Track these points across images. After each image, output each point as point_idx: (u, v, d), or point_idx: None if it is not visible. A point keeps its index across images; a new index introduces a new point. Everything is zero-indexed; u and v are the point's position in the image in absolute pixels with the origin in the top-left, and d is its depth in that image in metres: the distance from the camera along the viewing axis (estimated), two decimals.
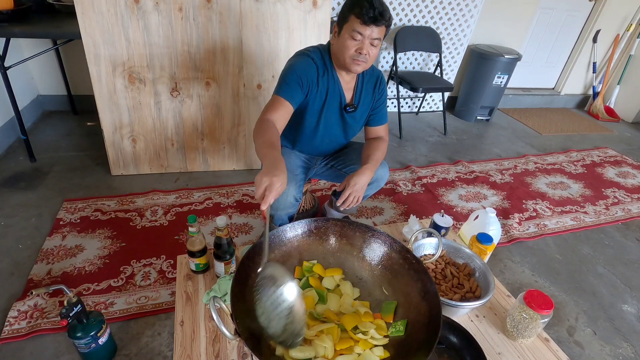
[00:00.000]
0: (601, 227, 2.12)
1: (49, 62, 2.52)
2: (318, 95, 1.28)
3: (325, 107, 1.31)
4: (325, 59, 1.25)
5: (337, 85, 1.29)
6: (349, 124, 1.39)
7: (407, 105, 3.44)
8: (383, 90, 1.38)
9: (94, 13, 1.67)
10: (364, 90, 1.34)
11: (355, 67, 1.18)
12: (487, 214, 1.39)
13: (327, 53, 1.26)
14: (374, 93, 1.37)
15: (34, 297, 1.32)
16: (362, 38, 1.12)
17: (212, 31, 1.83)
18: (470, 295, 1.06)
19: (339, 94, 1.30)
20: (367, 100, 1.37)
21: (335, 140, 1.46)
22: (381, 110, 1.41)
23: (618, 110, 3.90)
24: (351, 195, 1.24)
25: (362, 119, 1.41)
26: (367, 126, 1.45)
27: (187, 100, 1.98)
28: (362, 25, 1.10)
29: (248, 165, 2.26)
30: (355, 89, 1.33)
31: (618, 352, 1.41)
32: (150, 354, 1.20)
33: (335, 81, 1.28)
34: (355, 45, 1.14)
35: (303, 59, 1.23)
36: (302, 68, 1.21)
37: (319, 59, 1.25)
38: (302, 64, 1.22)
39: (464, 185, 2.38)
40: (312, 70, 1.23)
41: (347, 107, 1.33)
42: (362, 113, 1.38)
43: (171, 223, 1.77)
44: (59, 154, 2.20)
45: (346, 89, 1.31)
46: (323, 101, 1.29)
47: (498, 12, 3.19)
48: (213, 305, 0.77)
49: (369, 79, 1.35)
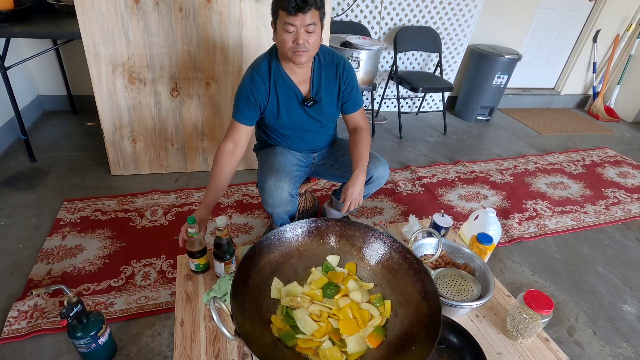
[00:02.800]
0: (601, 227, 2.12)
1: (49, 62, 2.52)
2: (272, 104, 1.30)
3: (282, 107, 1.32)
4: (272, 62, 1.27)
5: (289, 83, 1.29)
6: (316, 117, 1.38)
7: (407, 105, 3.44)
8: (349, 76, 1.35)
9: (94, 13, 1.67)
10: (323, 79, 1.32)
11: (299, 58, 1.17)
12: (487, 214, 1.39)
13: (275, 54, 1.27)
14: (337, 81, 1.34)
15: (34, 297, 1.32)
16: (295, 28, 1.12)
17: (212, 31, 1.83)
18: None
19: (292, 91, 1.30)
20: (331, 89, 1.34)
21: (314, 134, 1.46)
22: (353, 97, 1.38)
23: (618, 110, 3.90)
24: (352, 204, 1.31)
25: (330, 108, 1.38)
26: (343, 114, 1.44)
27: (187, 100, 1.98)
28: (290, 16, 1.09)
29: (248, 165, 2.26)
30: (311, 80, 1.32)
31: (618, 352, 1.41)
32: (150, 354, 1.20)
33: (285, 81, 1.28)
34: (291, 37, 1.14)
35: (247, 78, 1.27)
36: (248, 86, 1.26)
37: (265, 65, 1.27)
38: (247, 83, 1.26)
39: (464, 185, 2.38)
40: (257, 84, 1.26)
41: (305, 102, 1.32)
42: (328, 104, 1.36)
43: (171, 223, 1.77)
44: (59, 154, 2.20)
45: (300, 83, 1.31)
46: (277, 103, 1.31)
47: (498, 12, 3.19)
48: (213, 305, 0.77)
49: (327, 67, 1.32)
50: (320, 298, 0.96)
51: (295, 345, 0.85)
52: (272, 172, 1.31)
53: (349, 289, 0.98)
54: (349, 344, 0.86)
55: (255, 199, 2.01)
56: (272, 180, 1.30)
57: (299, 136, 1.44)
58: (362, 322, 0.90)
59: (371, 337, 0.88)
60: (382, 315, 0.93)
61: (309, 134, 1.45)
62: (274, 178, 1.30)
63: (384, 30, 2.94)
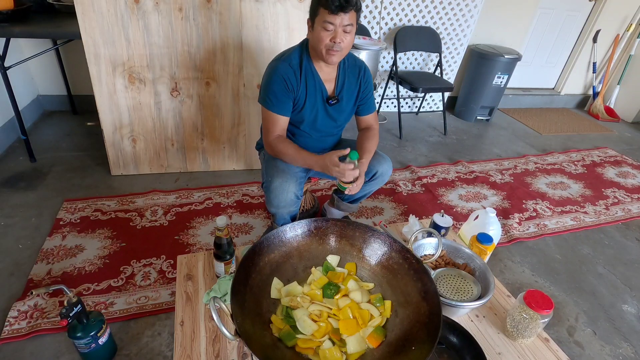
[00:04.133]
0: (601, 227, 2.12)
1: (49, 62, 2.51)
2: (301, 95, 1.32)
3: (308, 103, 1.34)
4: (303, 57, 1.29)
5: (317, 80, 1.32)
6: (334, 116, 1.41)
7: (407, 105, 3.44)
8: (368, 80, 1.42)
9: (94, 13, 1.67)
10: (347, 80, 1.37)
11: (332, 58, 1.22)
12: (487, 214, 1.39)
13: (306, 49, 1.30)
14: (358, 83, 1.39)
15: (34, 297, 1.32)
16: (334, 27, 1.15)
17: (212, 31, 1.83)
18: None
19: (319, 88, 1.34)
20: (351, 90, 1.40)
21: (326, 133, 1.48)
22: (368, 100, 1.45)
23: (618, 110, 3.90)
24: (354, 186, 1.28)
25: (348, 108, 1.43)
26: (357, 115, 1.49)
27: (187, 100, 1.98)
28: (331, 14, 1.13)
29: (248, 165, 2.26)
30: (337, 79, 1.36)
31: (618, 352, 1.41)
32: (150, 354, 1.20)
33: (314, 76, 1.31)
34: (329, 35, 1.17)
35: (284, 65, 1.28)
36: (284, 74, 1.27)
37: (296, 58, 1.29)
38: (283, 70, 1.27)
39: (464, 185, 2.38)
40: (291, 73, 1.28)
41: (329, 100, 1.36)
42: (347, 103, 1.41)
43: (171, 223, 1.77)
44: (59, 154, 2.20)
45: (327, 81, 1.34)
46: (304, 98, 1.33)
47: (498, 12, 3.19)
48: (213, 305, 0.77)
49: (351, 69, 1.38)
50: (320, 298, 0.96)
51: (295, 345, 0.85)
52: (279, 173, 1.32)
53: (349, 289, 0.98)
54: (349, 344, 0.85)
55: (255, 199, 2.01)
56: (279, 181, 1.31)
57: (312, 135, 1.45)
58: (362, 322, 0.90)
59: (371, 337, 0.88)
60: (382, 315, 0.93)
61: (320, 134, 1.47)
62: (280, 179, 1.31)
63: (384, 30, 2.94)
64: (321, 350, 0.84)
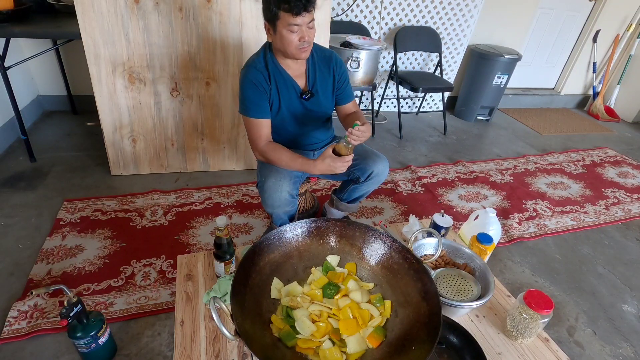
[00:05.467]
0: (601, 227, 2.12)
1: (49, 62, 2.51)
2: (274, 96, 1.32)
3: (283, 101, 1.34)
4: (268, 58, 1.29)
5: (286, 78, 1.32)
6: (314, 109, 1.41)
7: (407, 105, 3.44)
8: (341, 67, 1.40)
9: (94, 13, 1.67)
10: (318, 72, 1.37)
11: (304, 54, 1.23)
12: (487, 214, 1.39)
13: (270, 50, 1.30)
14: (331, 73, 1.39)
15: (34, 297, 1.32)
16: (299, 27, 1.16)
17: (212, 31, 1.83)
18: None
19: (291, 85, 1.34)
20: (325, 82, 1.39)
21: (312, 129, 1.48)
22: (346, 88, 1.44)
23: (618, 110, 3.90)
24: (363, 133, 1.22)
25: (326, 100, 1.42)
26: (337, 106, 1.49)
27: (187, 100, 1.98)
28: (296, 16, 1.13)
29: (248, 165, 2.26)
30: (307, 74, 1.36)
31: (618, 352, 1.41)
32: (150, 354, 1.20)
33: (282, 75, 1.32)
34: (296, 36, 1.18)
35: (251, 71, 1.28)
36: (254, 77, 1.27)
37: (260, 62, 1.29)
38: (252, 74, 1.27)
39: (464, 185, 2.38)
40: (260, 76, 1.28)
41: (302, 95, 1.36)
42: (324, 95, 1.40)
43: (171, 223, 1.77)
44: (59, 154, 2.20)
45: (297, 77, 1.34)
46: (278, 98, 1.33)
47: (498, 12, 3.19)
48: (213, 305, 0.77)
49: (320, 60, 1.37)
50: (320, 298, 0.96)
51: (295, 345, 0.85)
52: (272, 173, 1.32)
53: (349, 289, 0.98)
54: (349, 344, 0.86)
55: (255, 199, 2.01)
56: (272, 180, 1.31)
57: (302, 131, 1.45)
58: (362, 322, 0.90)
59: (371, 337, 0.88)
60: (382, 315, 0.93)
61: (307, 128, 1.46)
62: (273, 178, 1.31)
63: (384, 30, 2.94)
64: (321, 350, 0.84)
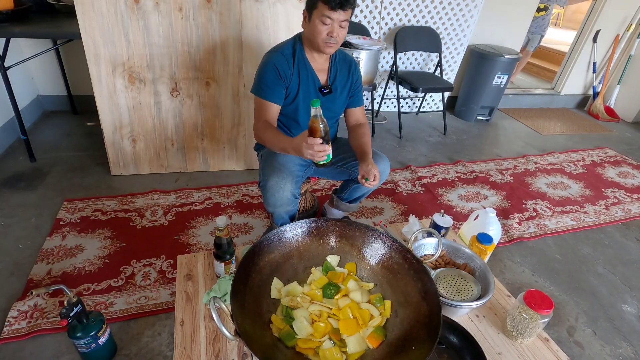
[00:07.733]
0: (601, 227, 2.12)
1: (49, 62, 2.51)
2: (293, 83, 1.35)
3: (301, 91, 1.36)
4: (297, 47, 1.33)
5: (309, 69, 1.36)
6: (328, 106, 1.43)
7: (407, 105, 3.44)
8: (358, 74, 1.47)
9: (94, 13, 1.67)
10: (339, 72, 1.42)
11: (328, 49, 1.27)
12: (487, 214, 1.39)
13: (300, 40, 1.34)
14: (349, 77, 1.44)
15: (34, 297, 1.32)
16: (332, 22, 1.20)
17: (212, 31, 1.83)
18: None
19: (312, 77, 1.37)
20: (344, 83, 1.44)
21: None
22: (358, 93, 1.49)
23: (618, 110, 3.90)
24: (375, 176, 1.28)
25: (341, 99, 1.46)
26: (346, 109, 1.52)
27: (187, 100, 1.98)
28: (331, 10, 1.17)
29: (248, 165, 2.26)
30: (329, 70, 1.40)
31: (618, 352, 1.41)
32: (150, 354, 1.20)
33: (306, 66, 1.35)
34: (326, 29, 1.22)
35: (276, 55, 1.32)
36: (277, 62, 1.30)
37: (289, 49, 1.33)
38: (276, 59, 1.31)
39: (464, 185, 2.38)
40: (284, 61, 1.31)
41: (322, 89, 1.39)
42: (340, 94, 1.44)
43: (171, 223, 1.77)
44: (59, 154, 2.20)
45: (319, 71, 1.38)
46: (297, 86, 1.35)
47: (498, 12, 3.19)
48: (213, 305, 0.77)
49: (342, 62, 1.43)
50: (320, 298, 0.96)
51: (295, 345, 0.85)
52: (274, 172, 1.32)
53: (349, 289, 0.98)
54: (349, 344, 0.86)
55: (255, 199, 2.01)
56: (275, 179, 1.31)
57: (303, 126, 1.44)
58: (362, 322, 0.90)
59: (371, 337, 0.88)
60: (382, 315, 0.93)
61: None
62: (276, 177, 1.31)
63: (384, 30, 2.94)
64: (321, 350, 0.84)
